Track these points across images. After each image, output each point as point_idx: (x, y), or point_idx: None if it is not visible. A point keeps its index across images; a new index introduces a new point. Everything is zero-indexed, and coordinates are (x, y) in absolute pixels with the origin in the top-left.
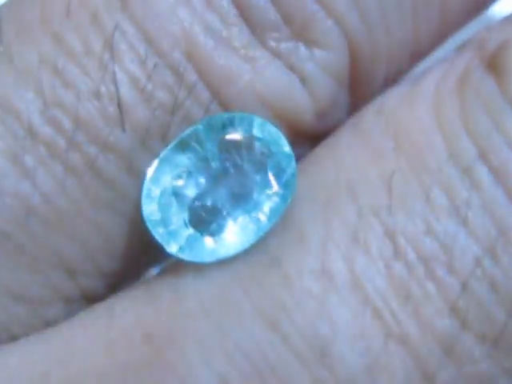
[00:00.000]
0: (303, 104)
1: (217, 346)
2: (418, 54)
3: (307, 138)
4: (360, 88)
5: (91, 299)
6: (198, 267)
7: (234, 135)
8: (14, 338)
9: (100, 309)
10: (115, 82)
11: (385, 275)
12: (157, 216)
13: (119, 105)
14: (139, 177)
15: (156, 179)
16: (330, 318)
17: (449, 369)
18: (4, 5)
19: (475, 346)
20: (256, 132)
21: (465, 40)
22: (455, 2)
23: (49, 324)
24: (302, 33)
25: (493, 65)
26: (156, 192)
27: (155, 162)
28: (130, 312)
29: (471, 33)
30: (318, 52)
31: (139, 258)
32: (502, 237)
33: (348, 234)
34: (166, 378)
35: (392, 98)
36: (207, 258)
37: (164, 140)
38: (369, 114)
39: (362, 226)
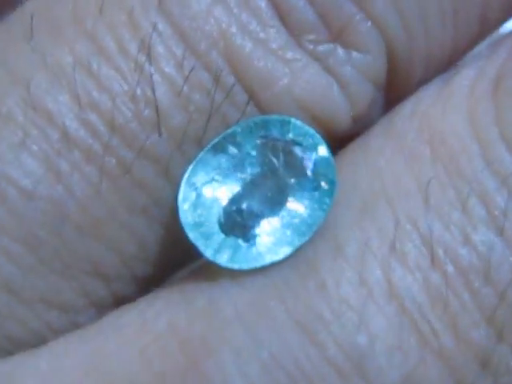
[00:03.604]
0: (341, 108)
1: (253, 357)
2: (456, 56)
3: (341, 141)
4: (395, 90)
5: (122, 304)
6: (232, 273)
7: (272, 138)
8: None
9: (130, 312)
10: (152, 85)
11: (422, 286)
12: (192, 220)
13: (157, 109)
14: (175, 182)
15: (191, 183)
16: (367, 329)
17: (485, 380)
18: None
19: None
20: (293, 135)
21: (498, 36)
22: (496, 3)
23: None
24: (339, 35)
25: None
26: (191, 196)
27: (191, 165)
28: (163, 317)
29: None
30: (355, 55)
31: (172, 263)
32: None
33: (385, 243)
34: None
35: (424, 99)
36: (243, 265)
37: (200, 144)
38: (401, 116)
39: (399, 235)
